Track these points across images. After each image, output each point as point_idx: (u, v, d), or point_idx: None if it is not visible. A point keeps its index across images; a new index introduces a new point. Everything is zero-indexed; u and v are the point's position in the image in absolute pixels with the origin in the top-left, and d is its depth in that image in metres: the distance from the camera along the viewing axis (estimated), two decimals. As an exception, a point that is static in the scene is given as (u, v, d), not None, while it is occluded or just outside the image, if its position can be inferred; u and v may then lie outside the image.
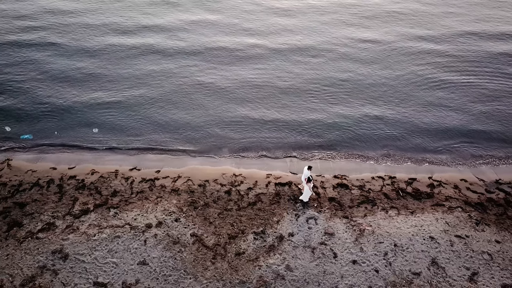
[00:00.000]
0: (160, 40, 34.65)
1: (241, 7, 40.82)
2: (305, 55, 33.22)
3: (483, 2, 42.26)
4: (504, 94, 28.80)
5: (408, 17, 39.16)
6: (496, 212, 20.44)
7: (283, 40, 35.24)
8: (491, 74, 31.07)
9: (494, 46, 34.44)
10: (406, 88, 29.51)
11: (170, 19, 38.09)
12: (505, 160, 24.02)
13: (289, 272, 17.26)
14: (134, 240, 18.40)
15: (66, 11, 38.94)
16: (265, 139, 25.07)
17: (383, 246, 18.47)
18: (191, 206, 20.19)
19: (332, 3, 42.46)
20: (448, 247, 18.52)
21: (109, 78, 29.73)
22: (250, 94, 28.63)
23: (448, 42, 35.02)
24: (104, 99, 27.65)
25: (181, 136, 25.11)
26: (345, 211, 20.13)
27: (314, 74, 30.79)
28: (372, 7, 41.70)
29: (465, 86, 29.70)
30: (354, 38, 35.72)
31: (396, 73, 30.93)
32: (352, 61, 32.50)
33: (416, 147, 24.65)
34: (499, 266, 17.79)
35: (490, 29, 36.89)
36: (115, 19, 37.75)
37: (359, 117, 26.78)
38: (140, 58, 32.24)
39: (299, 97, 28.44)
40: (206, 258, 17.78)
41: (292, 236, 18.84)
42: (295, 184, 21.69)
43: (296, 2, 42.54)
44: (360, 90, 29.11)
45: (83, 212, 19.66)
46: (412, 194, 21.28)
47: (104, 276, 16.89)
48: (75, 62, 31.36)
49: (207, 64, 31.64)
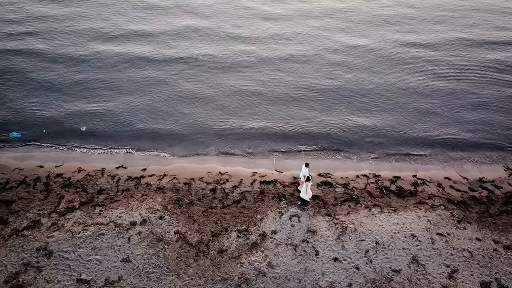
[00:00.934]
0: (146, 48, 33.58)
1: (229, 12, 39.98)
2: (293, 61, 32.59)
3: (475, 8, 41.71)
4: (492, 100, 28.70)
5: (399, 22, 38.75)
6: (479, 210, 20.64)
7: (272, 46, 34.61)
8: (481, 80, 30.83)
9: (484, 53, 33.99)
10: (393, 90, 29.67)
11: (157, 25, 36.98)
12: (489, 158, 24.18)
13: (270, 269, 17.45)
14: (118, 238, 18.58)
15: (50, 17, 37.38)
16: (251, 138, 25.21)
17: (364, 243, 18.65)
18: (176, 204, 20.38)
19: (321, 9, 41.38)
20: (429, 245, 18.71)
21: (94, 85, 29.07)
22: (236, 102, 28.15)
23: (439, 48, 34.69)
24: (88, 106, 27.27)
25: (168, 137, 25.25)
26: (328, 209, 20.32)
27: (302, 81, 30.31)
28: (361, 12, 40.91)
29: (452, 91, 29.77)
30: (343, 44, 35.10)
31: (385, 77, 30.91)
32: (341, 67, 31.97)
33: (401, 146, 24.84)
34: (479, 263, 17.99)
35: (482, 36, 36.46)
36: (101, 25, 36.60)
37: (346, 116, 26.97)
38: (126, 65, 31.25)
39: (286, 105, 27.94)
40: (189, 255, 17.97)
41: (275, 233, 19.03)
42: (279, 182, 21.88)
43: (285, 8, 41.67)
44: (348, 95, 29.04)
45: (68, 210, 19.83)
46: (396, 192, 21.47)
47: (88, 273, 17.07)
48: (60, 69, 30.54)
49: (193, 72, 31.00)
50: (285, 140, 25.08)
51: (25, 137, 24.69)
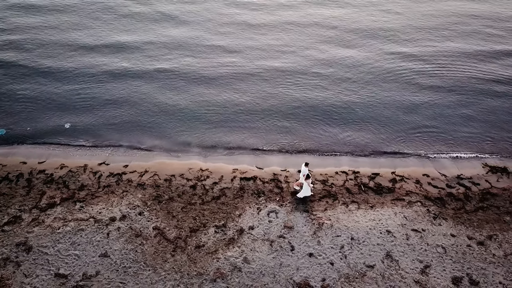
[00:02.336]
0: (124, 61, 32.23)
1: (213, 21, 38.50)
2: (282, 75, 31.12)
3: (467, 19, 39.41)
4: (473, 100, 28.87)
5: (389, 34, 36.86)
6: (455, 206, 20.92)
7: (255, 58, 33.10)
8: (472, 93, 30.01)
9: (473, 64, 32.73)
10: (375, 84, 29.93)
11: (133, 37, 35.20)
12: (468, 155, 24.45)
13: (246, 265, 17.74)
14: (97, 233, 18.86)
15: (24, 27, 36.00)
16: (234, 135, 25.48)
17: (340, 239, 18.94)
18: (156, 200, 20.65)
19: (307, 19, 39.36)
20: (403, 241, 19.00)
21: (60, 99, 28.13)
22: (216, 115, 27.34)
23: (429, 58, 33.44)
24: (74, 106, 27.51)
25: (150, 134, 25.56)
26: (306, 205, 20.59)
27: (287, 95, 29.16)
28: (350, 23, 38.68)
29: (436, 88, 30.00)
30: (329, 55, 33.54)
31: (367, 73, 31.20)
32: (327, 80, 30.66)
33: (381, 143, 25.12)
34: (452, 259, 18.28)
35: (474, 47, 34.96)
36: (74, 35, 34.98)
37: (328, 113, 27.25)
38: (104, 79, 30.15)
39: (265, 118, 27.11)
40: (166, 250, 18.25)
41: (252, 229, 19.31)
42: (259, 179, 22.15)
43: (269, 18, 39.57)
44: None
45: (49, 206, 20.11)
46: (374, 189, 21.74)
47: (66, 267, 17.36)
48: (33, 84, 29.52)
49: (172, 84, 29.89)
50: (267, 137, 25.31)
51: (9, 134, 24.90)
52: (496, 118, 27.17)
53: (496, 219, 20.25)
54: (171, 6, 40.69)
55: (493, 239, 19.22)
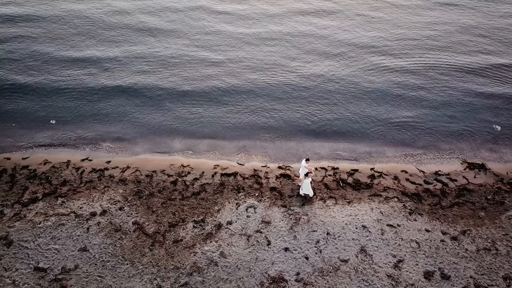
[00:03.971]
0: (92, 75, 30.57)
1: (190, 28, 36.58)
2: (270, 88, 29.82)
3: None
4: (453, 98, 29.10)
5: (377, 48, 34.60)
6: (431, 202, 21.26)
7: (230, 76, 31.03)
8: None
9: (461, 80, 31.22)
10: (357, 82, 30.24)
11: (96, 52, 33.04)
12: (447, 152, 24.77)
13: (222, 259, 18.09)
14: (77, 228, 19.20)
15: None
16: (217, 129, 25.89)
17: (316, 234, 19.29)
18: (136, 195, 20.98)
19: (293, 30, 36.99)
20: (378, 236, 19.35)
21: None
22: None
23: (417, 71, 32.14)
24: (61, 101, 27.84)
25: (133, 131, 25.84)
26: (284, 200, 20.93)
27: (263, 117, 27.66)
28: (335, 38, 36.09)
29: (418, 86, 30.30)
30: (310, 71, 31.58)
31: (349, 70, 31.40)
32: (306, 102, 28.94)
33: (360, 139, 25.49)
34: (425, 253, 18.64)
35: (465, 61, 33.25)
36: (41, 49, 32.77)
37: (307, 108, 27.64)
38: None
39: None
40: (145, 245, 18.60)
41: (230, 224, 19.65)
42: (240, 175, 22.48)
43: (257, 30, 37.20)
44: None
45: (31, 201, 20.43)
46: (352, 185, 22.07)
47: (45, 261, 17.70)
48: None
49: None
50: (250, 133, 25.68)
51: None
52: (477, 115, 27.53)
53: (471, 214, 20.61)
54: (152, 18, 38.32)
55: (467, 234, 19.58)
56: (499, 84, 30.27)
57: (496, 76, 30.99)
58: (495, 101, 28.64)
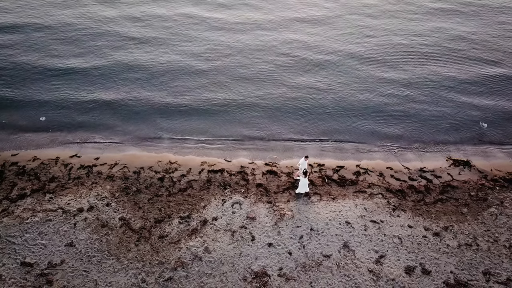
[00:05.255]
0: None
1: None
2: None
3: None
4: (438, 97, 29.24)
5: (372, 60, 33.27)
6: (415, 198, 21.53)
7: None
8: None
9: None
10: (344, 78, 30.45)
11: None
12: (432, 149, 25.02)
13: (206, 254, 18.36)
14: (64, 223, 19.46)
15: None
16: (205, 126, 26.14)
17: (299, 230, 19.56)
18: (124, 191, 21.23)
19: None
20: (361, 231, 19.62)
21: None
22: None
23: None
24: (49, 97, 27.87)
25: (122, 127, 26.03)
26: (269, 197, 21.19)
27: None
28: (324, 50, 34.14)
29: (404, 83, 30.46)
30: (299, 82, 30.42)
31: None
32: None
33: (346, 135, 25.80)
34: (407, 249, 18.92)
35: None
36: (31, 58, 31.37)
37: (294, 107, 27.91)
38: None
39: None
40: (131, 240, 18.87)
41: (216, 220, 19.92)
42: (227, 171, 22.74)
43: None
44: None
45: (20, 197, 20.67)
46: (337, 181, 22.34)
47: (32, 256, 17.97)
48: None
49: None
50: (236, 130, 25.95)
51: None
52: (464, 112, 27.77)
53: (453, 210, 20.89)
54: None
55: (449, 230, 19.86)
56: (485, 83, 30.54)
57: (483, 76, 31.22)
58: (482, 99, 28.86)
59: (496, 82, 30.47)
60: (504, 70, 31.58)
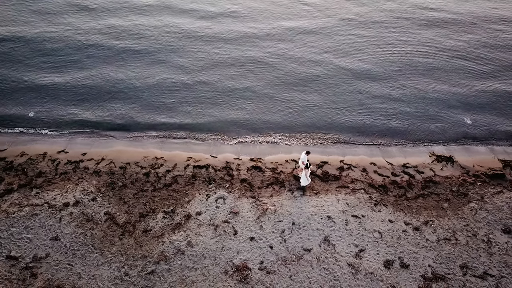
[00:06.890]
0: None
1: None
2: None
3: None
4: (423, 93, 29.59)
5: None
6: (397, 194, 21.84)
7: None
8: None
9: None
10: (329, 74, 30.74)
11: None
12: (415, 144, 25.36)
13: (189, 248, 18.70)
14: (50, 218, 19.78)
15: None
16: (193, 122, 26.40)
17: (281, 224, 19.88)
18: (110, 186, 21.54)
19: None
20: (342, 226, 19.95)
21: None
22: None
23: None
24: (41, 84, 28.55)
25: (110, 123, 26.39)
26: (253, 192, 21.50)
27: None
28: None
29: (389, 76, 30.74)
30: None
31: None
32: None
33: (331, 131, 26.15)
34: (386, 243, 19.25)
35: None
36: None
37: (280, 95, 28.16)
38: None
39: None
40: (115, 234, 19.20)
41: (199, 214, 20.24)
42: (212, 167, 23.04)
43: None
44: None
45: (6, 192, 20.97)
46: (321, 177, 22.63)
47: (17, 250, 18.30)
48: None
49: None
50: (224, 126, 26.22)
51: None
52: (447, 108, 28.05)
53: (434, 205, 21.21)
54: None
55: (429, 224, 20.18)
56: (470, 78, 30.78)
57: (468, 71, 31.50)
58: (466, 95, 29.14)
59: (479, 80, 30.73)
60: (488, 67, 31.86)
